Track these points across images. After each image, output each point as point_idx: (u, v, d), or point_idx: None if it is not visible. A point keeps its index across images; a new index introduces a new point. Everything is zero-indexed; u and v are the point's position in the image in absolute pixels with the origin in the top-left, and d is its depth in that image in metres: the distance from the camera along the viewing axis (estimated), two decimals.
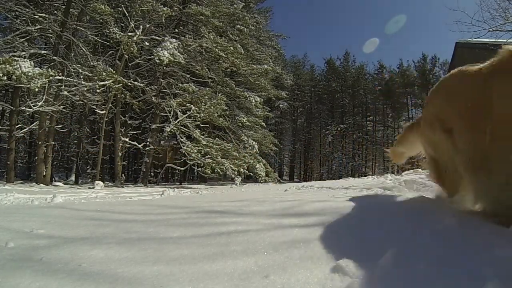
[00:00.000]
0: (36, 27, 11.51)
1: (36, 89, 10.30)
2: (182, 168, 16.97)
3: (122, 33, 13.01)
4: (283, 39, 31.53)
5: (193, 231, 2.06)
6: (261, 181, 17.32)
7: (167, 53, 13.36)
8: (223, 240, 1.72)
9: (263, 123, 22.27)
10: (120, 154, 14.63)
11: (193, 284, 1.16)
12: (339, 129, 36.19)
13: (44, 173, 11.80)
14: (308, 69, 42.14)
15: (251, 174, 17.05)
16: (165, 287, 1.15)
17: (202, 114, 14.92)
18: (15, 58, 9.88)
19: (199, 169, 15.22)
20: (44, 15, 11.58)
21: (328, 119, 39.51)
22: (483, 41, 10.39)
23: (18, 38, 11.37)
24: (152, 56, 14.04)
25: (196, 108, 14.86)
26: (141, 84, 15.04)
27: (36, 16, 11.29)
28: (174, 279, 1.21)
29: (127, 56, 13.43)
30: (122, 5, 13.78)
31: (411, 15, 78.90)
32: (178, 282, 1.17)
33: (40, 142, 11.89)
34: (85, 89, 12.28)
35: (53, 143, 13.10)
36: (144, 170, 15.76)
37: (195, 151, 14.41)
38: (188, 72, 16.94)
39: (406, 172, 10.92)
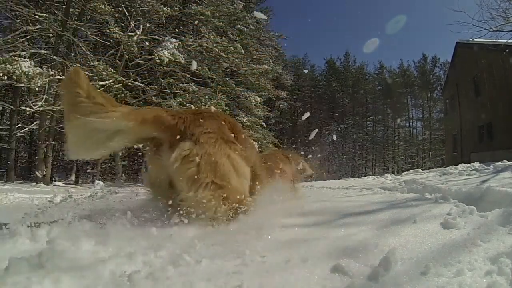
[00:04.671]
0: (37, 27, 11.51)
1: (36, 89, 10.30)
2: None
3: (122, 33, 12.99)
4: (283, 39, 31.50)
5: None
6: None
7: (167, 53, 13.33)
8: (222, 239, 1.72)
9: (263, 123, 22.25)
10: (120, 154, 14.62)
11: (193, 280, 1.16)
12: (339, 129, 36.18)
13: (44, 173, 11.79)
14: (308, 69, 42.12)
15: None
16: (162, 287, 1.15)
17: None
18: (16, 57, 9.87)
19: None
20: (44, 14, 11.57)
21: (328, 119, 39.48)
22: (484, 41, 10.39)
23: (18, 38, 11.36)
24: (152, 56, 14.01)
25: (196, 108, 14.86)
26: (141, 84, 15.03)
27: (37, 16, 11.28)
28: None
29: (127, 56, 13.42)
30: (123, 5, 13.76)
31: (411, 15, 78.68)
32: (179, 279, 1.18)
33: (40, 142, 11.89)
34: None
35: (53, 143, 13.09)
36: (145, 170, 15.75)
37: None
38: (188, 72, 16.92)
39: (406, 172, 10.95)
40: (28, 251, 1.63)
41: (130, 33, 13.02)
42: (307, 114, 21.56)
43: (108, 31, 12.93)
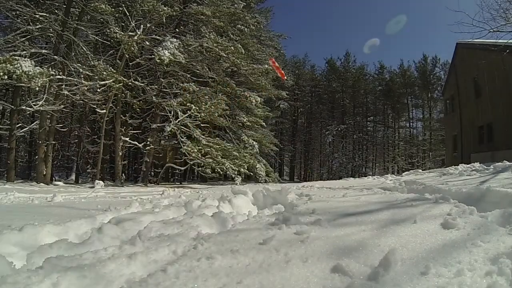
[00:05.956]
0: (37, 27, 11.51)
1: (37, 88, 10.30)
2: (183, 168, 16.95)
3: (122, 33, 12.99)
4: (284, 39, 31.49)
5: None
6: (261, 181, 17.32)
7: (168, 52, 13.33)
8: (222, 238, 1.72)
9: (264, 123, 22.23)
10: (120, 153, 14.63)
11: (192, 281, 1.16)
12: (339, 129, 36.15)
13: (45, 172, 11.79)
14: (308, 69, 42.05)
15: (252, 174, 17.03)
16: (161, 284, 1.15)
17: (202, 114, 14.89)
18: (16, 57, 9.87)
19: (199, 168, 15.21)
20: (45, 14, 11.57)
21: (328, 119, 39.41)
22: (484, 42, 10.37)
23: (18, 37, 11.36)
24: (152, 56, 14.02)
25: (197, 108, 14.83)
26: (142, 84, 15.03)
27: (37, 16, 11.28)
28: (175, 278, 1.21)
29: (127, 56, 13.42)
30: (123, 5, 13.75)
31: (411, 16, 78.64)
32: (178, 279, 1.18)
33: (40, 142, 11.89)
34: (86, 88, 12.28)
35: (54, 142, 13.09)
36: (145, 169, 15.76)
37: (196, 150, 14.40)
38: (189, 71, 16.92)
39: (406, 172, 10.97)
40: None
41: (130, 33, 13.02)
42: None
43: (108, 30, 12.93)
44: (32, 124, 13.66)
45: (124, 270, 1.32)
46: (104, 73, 11.94)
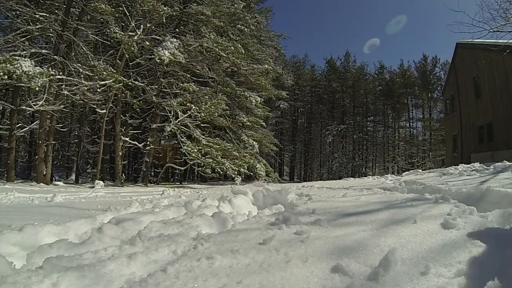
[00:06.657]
0: (37, 27, 11.51)
1: (37, 88, 10.29)
2: (183, 168, 16.95)
3: (122, 33, 12.98)
4: (284, 39, 31.47)
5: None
6: (261, 181, 17.31)
7: (168, 52, 13.33)
8: (222, 238, 1.72)
9: (264, 123, 22.23)
10: (120, 153, 14.62)
11: (192, 281, 1.16)
12: (339, 129, 36.13)
13: (45, 172, 11.79)
14: (308, 69, 42.04)
15: (252, 174, 17.03)
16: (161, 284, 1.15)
17: (202, 114, 14.90)
18: (16, 57, 9.87)
19: (199, 168, 15.21)
20: (45, 14, 11.57)
21: (328, 119, 39.40)
22: (484, 42, 10.37)
23: (18, 37, 11.36)
24: (152, 56, 14.01)
25: (197, 108, 14.84)
26: (142, 84, 15.03)
27: (37, 16, 11.28)
28: (174, 277, 1.21)
29: (127, 56, 13.42)
30: (123, 5, 13.74)
31: (411, 16, 78.66)
32: (178, 279, 1.18)
33: (40, 141, 11.89)
34: (86, 88, 12.28)
35: (54, 142, 13.09)
36: (145, 169, 15.75)
37: (196, 150, 14.40)
38: (189, 71, 16.92)
39: (406, 172, 10.97)
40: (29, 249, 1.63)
41: (130, 33, 13.02)
42: None
43: (108, 30, 12.92)
44: (32, 124, 13.67)
45: (124, 270, 1.32)
46: (104, 73, 11.94)
